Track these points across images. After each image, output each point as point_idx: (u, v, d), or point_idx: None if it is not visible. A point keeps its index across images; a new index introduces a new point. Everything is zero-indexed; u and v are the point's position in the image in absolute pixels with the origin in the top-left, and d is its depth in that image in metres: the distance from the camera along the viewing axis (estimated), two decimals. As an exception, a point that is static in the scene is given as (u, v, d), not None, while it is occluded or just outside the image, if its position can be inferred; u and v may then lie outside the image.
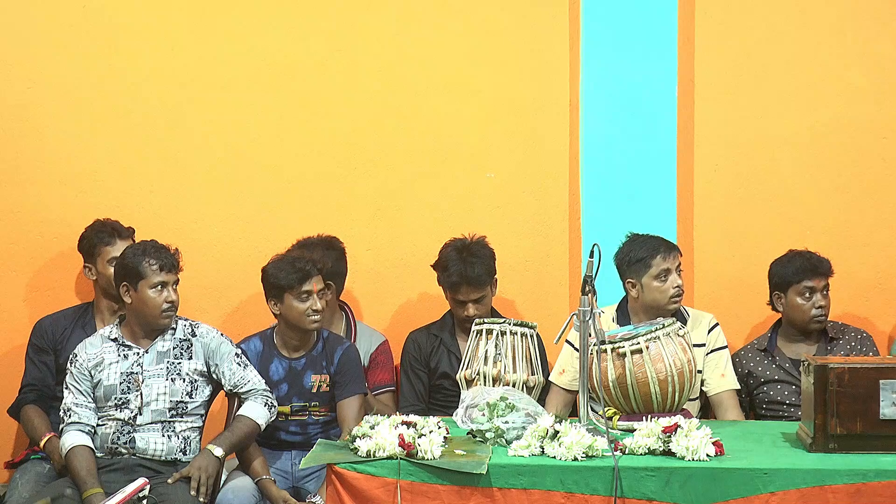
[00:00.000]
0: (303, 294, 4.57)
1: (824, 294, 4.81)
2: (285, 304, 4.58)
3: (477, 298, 4.85)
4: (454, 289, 4.85)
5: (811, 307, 4.79)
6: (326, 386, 4.67)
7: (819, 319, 4.81)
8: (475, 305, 4.85)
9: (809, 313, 4.80)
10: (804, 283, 4.79)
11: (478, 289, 4.83)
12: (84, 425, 4.34)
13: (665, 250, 4.70)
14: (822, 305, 4.79)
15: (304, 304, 4.57)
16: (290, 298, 4.57)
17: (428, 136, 5.27)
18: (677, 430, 3.82)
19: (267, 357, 4.67)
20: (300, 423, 4.67)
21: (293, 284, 4.56)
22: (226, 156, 5.27)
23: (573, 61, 5.18)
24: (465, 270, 4.80)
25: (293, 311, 4.58)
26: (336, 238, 5.02)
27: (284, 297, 4.58)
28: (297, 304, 4.57)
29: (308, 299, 4.57)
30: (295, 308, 4.57)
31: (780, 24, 5.20)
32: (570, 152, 5.21)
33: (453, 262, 4.83)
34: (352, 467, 3.78)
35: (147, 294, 4.37)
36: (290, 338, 4.66)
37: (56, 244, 5.18)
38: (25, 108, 5.21)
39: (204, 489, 4.23)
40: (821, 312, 4.80)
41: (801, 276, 4.79)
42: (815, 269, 4.79)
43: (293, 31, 5.24)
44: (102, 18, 5.21)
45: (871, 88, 5.18)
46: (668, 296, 4.67)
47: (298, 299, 4.57)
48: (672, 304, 4.68)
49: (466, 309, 4.84)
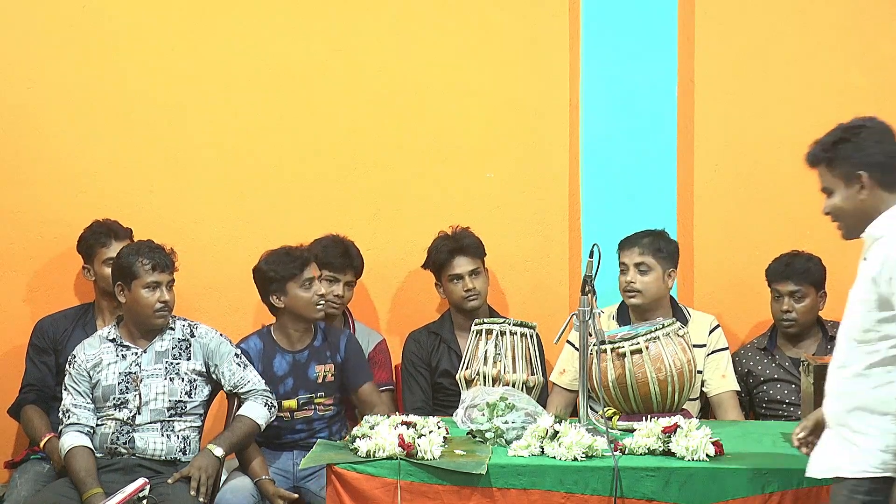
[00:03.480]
0: (306, 282, 4.59)
1: (796, 299, 4.77)
2: (290, 296, 4.59)
3: (472, 270, 4.86)
4: (447, 265, 4.89)
5: (778, 310, 4.80)
6: (332, 376, 4.68)
7: (785, 323, 4.80)
8: (472, 278, 4.87)
9: (777, 316, 4.81)
10: (773, 286, 4.81)
11: (471, 259, 4.88)
12: (83, 426, 4.35)
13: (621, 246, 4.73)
14: (788, 310, 4.77)
15: (308, 291, 4.59)
16: (294, 288, 4.58)
17: (428, 136, 5.27)
18: (677, 430, 3.82)
19: (269, 353, 4.67)
20: (306, 419, 4.68)
21: (295, 273, 4.58)
22: (226, 156, 5.27)
23: (573, 61, 5.18)
24: (454, 242, 4.89)
25: (299, 301, 4.59)
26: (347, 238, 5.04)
27: (287, 288, 4.59)
28: (302, 293, 4.59)
29: (312, 286, 4.60)
30: (301, 297, 4.59)
31: (780, 24, 5.20)
32: (570, 152, 5.20)
33: (441, 242, 4.93)
34: (352, 467, 3.78)
35: (140, 294, 4.37)
36: (293, 330, 4.67)
37: (56, 244, 5.17)
38: (25, 108, 5.21)
39: (204, 489, 4.23)
40: (785, 317, 4.78)
41: (772, 277, 4.81)
42: (783, 273, 4.78)
43: (293, 32, 5.24)
44: (102, 18, 5.21)
45: (871, 88, 5.17)
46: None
47: (302, 288, 4.59)
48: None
49: (464, 283, 4.85)
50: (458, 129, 5.29)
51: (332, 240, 4.98)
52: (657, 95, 5.16)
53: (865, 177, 3.25)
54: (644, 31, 5.14)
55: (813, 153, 3.36)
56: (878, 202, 3.25)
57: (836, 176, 3.30)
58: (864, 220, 3.27)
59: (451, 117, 5.27)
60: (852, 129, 3.31)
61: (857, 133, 3.29)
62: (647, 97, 5.16)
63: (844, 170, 3.28)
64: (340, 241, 4.98)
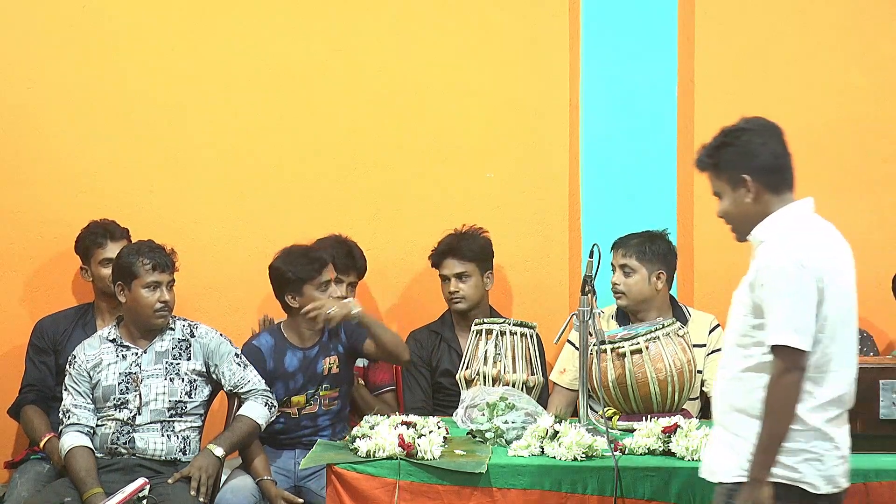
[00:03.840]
0: (323, 284, 4.58)
1: None
2: (306, 297, 4.58)
3: (460, 273, 4.86)
4: (438, 265, 4.90)
5: None
6: (336, 367, 4.68)
7: None
8: (458, 281, 4.87)
9: None
10: None
11: (460, 261, 4.86)
12: (83, 426, 4.34)
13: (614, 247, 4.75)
14: None
15: (324, 294, 4.58)
16: (311, 290, 4.58)
17: (428, 136, 5.27)
18: (677, 430, 3.83)
19: (280, 350, 4.67)
20: (311, 416, 4.68)
21: (313, 276, 4.57)
22: (226, 156, 5.26)
23: (573, 61, 5.18)
24: (452, 242, 4.89)
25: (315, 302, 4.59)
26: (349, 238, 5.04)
27: (304, 289, 4.58)
28: (319, 295, 4.57)
29: (328, 288, 4.59)
30: (317, 299, 4.57)
31: (780, 24, 5.20)
32: (570, 152, 5.20)
33: (441, 241, 4.94)
34: (352, 467, 3.78)
35: (140, 293, 4.37)
36: (307, 327, 4.66)
37: (56, 244, 5.17)
38: (25, 108, 5.21)
39: (204, 489, 4.24)
40: None
41: None
42: None
43: (293, 32, 5.24)
44: (102, 18, 5.21)
45: (871, 88, 5.18)
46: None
47: (319, 290, 4.58)
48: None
49: (450, 285, 4.86)
50: (458, 129, 5.29)
51: (336, 240, 4.97)
52: (657, 95, 5.16)
53: (750, 181, 3.23)
54: (644, 31, 5.14)
55: (700, 159, 3.35)
56: (765, 205, 3.23)
57: (722, 180, 3.29)
58: (752, 223, 3.25)
59: (451, 117, 5.27)
60: (734, 132, 3.29)
61: (739, 137, 3.27)
62: (647, 97, 5.16)
63: (729, 174, 3.26)
64: (344, 242, 4.98)
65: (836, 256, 3.21)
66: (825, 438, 3.13)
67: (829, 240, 3.24)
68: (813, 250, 3.15)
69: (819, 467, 3.11)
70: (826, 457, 3.12)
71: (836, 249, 3.23)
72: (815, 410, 3.11)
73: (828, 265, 3.14)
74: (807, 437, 3.10)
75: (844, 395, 3.17)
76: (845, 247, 3.26)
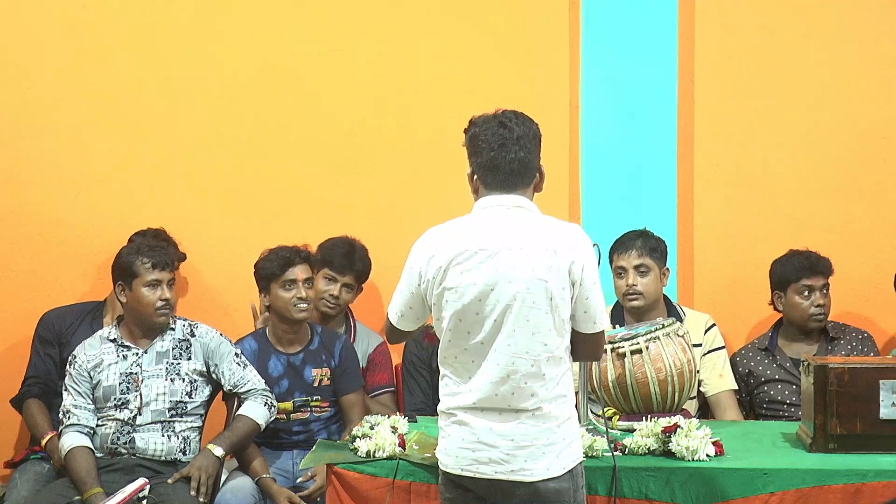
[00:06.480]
0: (287, 282, 4.57)
1: (823, 293, 4.81)
2: (272, 295, 4.60)
3: None
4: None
5: (810, 306, 4.80)
6: (327, 380, 4.68)
7: (818, 318, 4.81)
8: None
9: (808, 312, 4.80)
10: (803, 282, 4.79)
11: None
12: (83, 426, 4.34)
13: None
14: (821, 304, 4.80)
15: (288, 292, 4.57)
16: (276, 288, 4.58)
17: (428, 135, 5.27)
18: (677, 430, 3.82)
19: (264, 354, 4.67)
20: (303, 421, 4.68)
21: (276, 273, 4.57)
22: (226, 156, 5.26)
23: (573, 61, 5.18)
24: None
25: (279, 301, 4.59)
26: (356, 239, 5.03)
27: (271, 287, 4.59)
28: (282, 294, 4.58)
29: (292, 288, 4.58)
30: (280, 297, 4.58)
31: (780, 24, 5.20)
32: (570, 152, 5.20)
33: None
34: (352, 467, 3.77)
35: (141, 292, 4.37)
36: (283, 332, 4.66)
37: (56, 244, 5.18)
38: (25, 108, 5.21)
39: (204, 489, 4.24)
40: (819, 311, 4.80)
41: (800, 274, 4.80)
42: (814, 268, 4.80)
43: (292, 32, 5.24)
44: (102, 18, 5.21)
45: (871, 88, 5.18)
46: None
47: (283, 288, 4.58)
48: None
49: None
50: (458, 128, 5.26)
51: (340, 240, 4.95)
52: (657, 95, 5.16)
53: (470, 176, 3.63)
54: (644, 31, 5.14)
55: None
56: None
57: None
58: None
59: (451, 117, 5.25)
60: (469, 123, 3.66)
61: (467, 131, 3.68)
62: (647, 97, 5.16)
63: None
64: (347, 242, 4.96)
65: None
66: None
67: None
68: None
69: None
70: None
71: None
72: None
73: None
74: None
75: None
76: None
